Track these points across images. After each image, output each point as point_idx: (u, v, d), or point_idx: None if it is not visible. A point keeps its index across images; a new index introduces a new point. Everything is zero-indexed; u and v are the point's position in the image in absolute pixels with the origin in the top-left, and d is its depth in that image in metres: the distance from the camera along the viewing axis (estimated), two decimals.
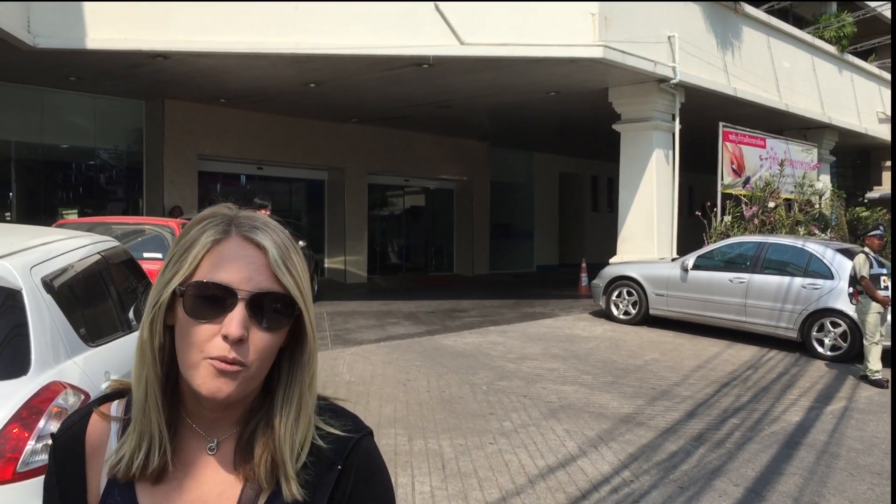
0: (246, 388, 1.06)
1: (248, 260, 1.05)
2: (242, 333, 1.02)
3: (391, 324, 12.23)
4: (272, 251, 1.06)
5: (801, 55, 17.90)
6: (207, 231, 1.07)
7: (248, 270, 1.04)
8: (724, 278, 11.53)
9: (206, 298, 1.03)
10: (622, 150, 14.35)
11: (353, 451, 1.14)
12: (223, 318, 1.02)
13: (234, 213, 1.11)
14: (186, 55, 11.65)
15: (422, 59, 11.77)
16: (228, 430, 1.12)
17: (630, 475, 5.52)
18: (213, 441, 1.12)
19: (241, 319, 1.02)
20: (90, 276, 3.80)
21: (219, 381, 1.02)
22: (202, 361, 1.03)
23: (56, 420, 2.74)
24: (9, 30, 9.98)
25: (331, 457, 1.13)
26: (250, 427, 1.11)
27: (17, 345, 2.88)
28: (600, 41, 11.70)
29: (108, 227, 8.93)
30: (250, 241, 1.06)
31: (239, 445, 1.12)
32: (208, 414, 1.11)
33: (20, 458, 2.61)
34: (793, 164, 16.28)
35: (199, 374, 1.03)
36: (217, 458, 1.12)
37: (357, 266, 19.72)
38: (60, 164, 15.92)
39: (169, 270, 1.07)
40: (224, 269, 1.04)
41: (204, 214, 1.11)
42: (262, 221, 1.10)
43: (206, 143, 16.30)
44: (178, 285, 1.05)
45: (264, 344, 1.05)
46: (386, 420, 6.76)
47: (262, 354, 1.05)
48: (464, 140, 21.56)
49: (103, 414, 1.15)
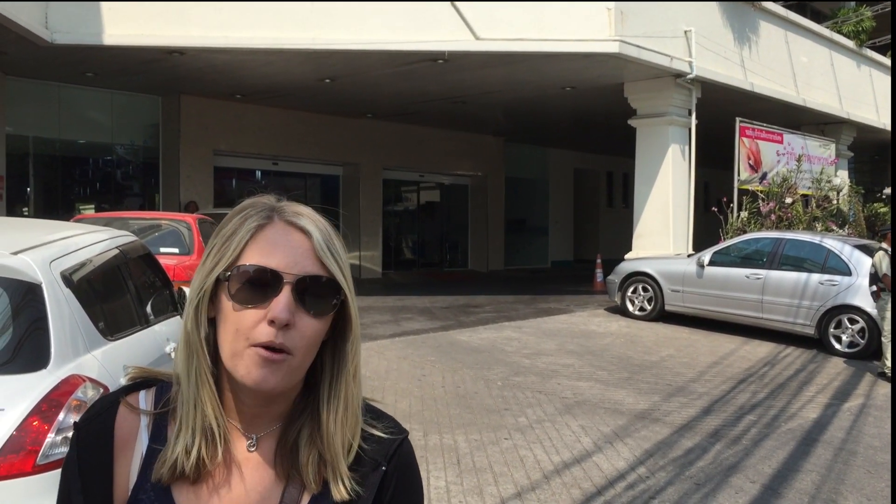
0: (291, 378, 1.04)
1: (293, 244, 1.04)
2: (290, 317, 1.00)
3: (406, 319, 12.24)
4: (316, 235, 1.05)
5: (819, 50, 17.76)
6: (250, 218, 1.05)
7: (293, 255, 1.03)
8: (740, 274, 11.46)
9: (251, 283, 1.01)
10: (638, 146, 14.28)
11: (397, 452, 1.14)
12: (269, 302, 1.00)
13: (276, 202, 1.09)
14: (202, 51, 11.70)
15: (437, 55, 11.76)
16: (268, 426, 1.10)
17: (646, 471, 5.51)
18: (253, 438, 1.09)
19: (288, 303, 1.00)
20: (109, 270, 3.83)
21: (264, 371, 1.00)
22: (247, 349, 1.00)
23: (76, 413, 2.76)
24: (27, 26, 10.06)
25: (375, 458, 1.12)
26: (296, 425, 1.09)
27: (37, 338, 2.90)
28: (616, 36, 11.65)
29: (124, 223, 8.98)
30: (294, 226, 1.05)
31: (282, 444, 1.09)
32: (249, 409, 1.08)
33: (40, 451, 2.63)
34: (810, 159, 16.15)
35: (244, 363, 1.01)
36: (258, 456, 1.09)
37: (372, 261, 19.75)
38: (77, 159, 16.02)
39: (210, 259, 1.05)
40: (269, 254, 1.02)
41: (244, 204, 1.09)
42: (304, 208, 1.09)
43: (222, 139, 16.37)
44: (223, 271, 1.03)
45: (310, 330, 1.03)
46: (401, 415, 6.76)
47: (308, 341, 1.03)
48: (478, 135, 21.54)
49: (132, 406, 1.11)
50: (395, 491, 1.13)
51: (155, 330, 3.98)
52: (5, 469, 2.57)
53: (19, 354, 2.86)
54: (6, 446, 2.58)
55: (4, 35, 10.33)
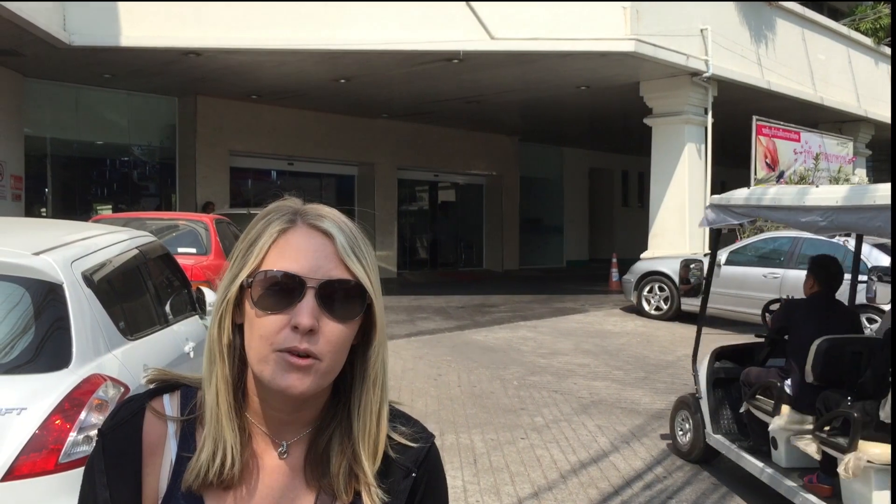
0: (321, 382, 1.02)
1: (316, 248, 1.02)
2: (313, 323, 0.98)
3: (421, 319, 12.26)
4: (339, 238, 1.03)
5: (837, 47, 17.63)
6: (273, 223, 1.04)
7: (316, 259, 1.01)
8: (757, 273, 11.40)
9: (274, 288, 1.00)
10: (653, 145, 14.23)
11: (427, 458, 1.14)
12: (293, 308, 0.99)
13: (300, 205, 1.08)
14: (218, 52, 11.76)
15: (452, 54, 11.77)
16: (298, 432, 1.08)
17: (663, 471, 5.49)
18: (283, 444, 1.08)
19: (311, 309, 0.99)
20: (129, 270, 3.86)
21: (292, 377, 0.99)
22: (272, 354, 0.99)
23: (97, 412, 2.78)
24: (46, 28, 10.15)
25: (405, 464, 1.11)
26: (326, 433, 1.08)
27: (59, 338, 2.93)
28: (632, 35, 11.62)
29: (142, 223, 9.03)
30: (317, 229, 1.03)
31: (312, 452, 1.08)
32: (278, 415, 1.06)
33: (62, 450, 2.65)
34: (828, 157, 16.04)
35: (270, 368, 0.99)
36: (288, 463, 1.08)
37: (387, 261, 19.78)
38: (95, 160, 16.14)
39: (236, 265, 1.04)
40: (291, 259, 1.01)
41: (269, 209, 1.07)
42: (329, 210, 1.07)
43: (238, 139, 16.45)
44: (246, 277, 1.02)
45: (336, 335, 1.01)
46: (417, 415, 6.70)
47: (335, 346, 1.01)
48: (493, 135, 21.53)
49: (158, 412, 1.09)
50: (423, 496, 1.13)
51: (174, 329, 4.01)
52: (28, 467, 2.60)
53: (41, 354, 2.89)
54: (29, 445, 2.61)
55: (23, 37, 10.43)
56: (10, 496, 2.57)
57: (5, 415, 2.63)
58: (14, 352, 2.86)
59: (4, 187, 12.80)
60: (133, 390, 3.09)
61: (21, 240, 3.39)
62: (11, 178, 13.07)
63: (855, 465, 3.84)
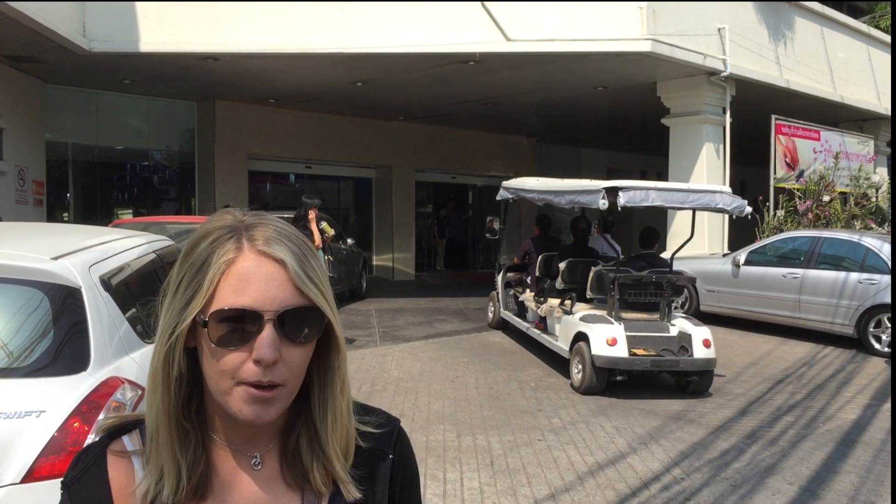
0: (285, 405, 1.02)
1: (269, 277, 0.98)
2: (275, 356, 0.97)
3: (439, 320, 12.27)
4: (291, 264, 0.99)
5: (857, 45, 17.47)
6: (218, 250, 1.00)
7: (270, 289, 0.98)
8: (777, 274, 11.32)
9: (231, 325, 0.97)
10: (671, 145, 14.17)
11: (398, 439, 1.17)
12: (252, 342, 0.97)
13: (241, 222, 1.03)
14: (236, 56, 11.83)
15: (468, 56, 11.78)
16: (268, 442, 1.08)
17: (681, 473, 5.47)
18: (256, 456, 1.07)
19: (272, 341, 0.97)
20: (146, 274, 3.90)
21: (256, 407, 0.98)
22: (235, 388, 0.98)
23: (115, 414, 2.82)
24: (66, 35, 10.26)
25: (380, 448, 1.14)
26: (293, 437, 1.08)
27: (77, 341, 2.97)
28: (648, 34, 11.57)
29: (162, 227, 9.12)
30: (266, 255, 0.99)
31: (285, 457, 1.08)
32: (244, 431, 1.06)
33: None
34: (848, 156, 15.89)
35: (234, 401, 0.98)
36: (264, 473, 1.08)
37: (405, 263, 19.81)
38: (115, 165, 16.29)
39: (182, 295, 1.00)
40: (245, 292, 0.97)
41: (208, 228, 1.03)
42: (274, 229, 1.03)
43: (256, 143, 16.54)
44: (198, 314, 0.98)
45: (297, 359, 1.00)
46: (435, 416, 6.79)
47: (296, 371, 1.01)
48: (511, 136, 21.50)
49: (120, 452, 1.07)
50: (403, 475, 1.16)
51: None
52: (47, 469, 2.63)
53: (60, 357, 2.92)
54: (48, 447, 2.64)
55: (44, 44, 10.55)
56: (30, 498, 2.60)
57: (24, 417, 2.67)
58: (33, 355, 2.90)
59: (26, 193, 12.95)
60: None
61: (39, 244, 3.44)
62: (33, 184, 13.22)
63: (546, 309, 9.20)
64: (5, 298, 3.02)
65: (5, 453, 2.60)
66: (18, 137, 12.65)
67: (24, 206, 12.77)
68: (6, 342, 2.89)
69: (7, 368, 2.82)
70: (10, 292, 3.00)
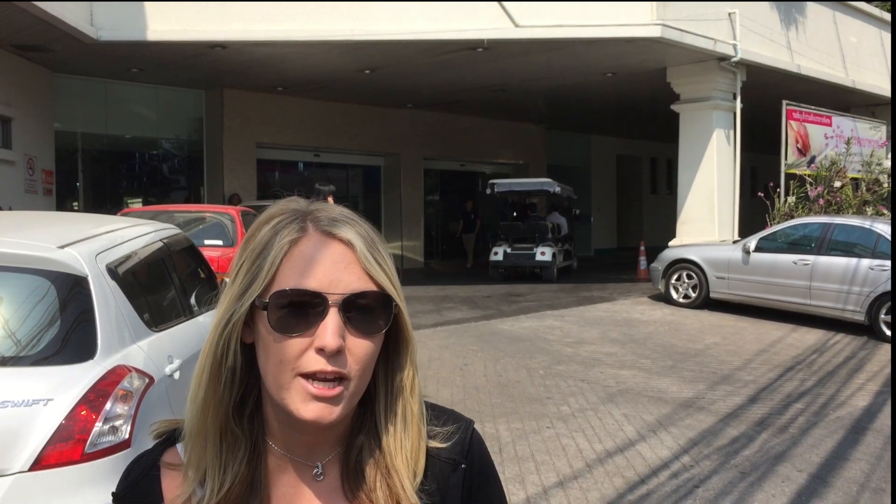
0: (350, 405, 0.94)
1: (334, 259, 0.92)
2: (340, 343, 0.89)
3: (448, 308, 12.27)
4: (359, 245, 0.93)
5: (869, 30, 17.31)
6: (281, 231, 0.93)
7: (335, 271, 0.91)
8: (787, 260, 11.26)
9: (292, 309, 0.90)
10: (681, 131, 14.10)
11: (472, 446, 1.06)
12: (315, 328, 0.90)
13: (307, 207, 0.98)
14: (244, 44, 11.82)
15: (476, 43, 11.73)
16: (331, 450, 1.00)
17: (690, 460, 5.46)
18: (318, 466, 0.99)
19: (337, 327, 0.90)
20: (153, 262, 3.90)
21: (319, 407, 0.90)
22: (294, 381, 0.90)
23: (122, 402, 2.82)
24: (74, 24, 10.27)
25: (452, 457, 1.04)
26: (355, 448, 0.99)
27: (84, 330, 2.97)
28: (658, 20, 11.50)
29: (170, 216, 9.14)
30: (332, 236, 0.94)
31: (346, 469, 0.99)
32: (305, 438, 0.98)
33: (88, 440, 2.69)
34: (860, 142, 15.76)
35: (293, 399, 0.91)
36: (326, 485, 0.99)
37: (414, 251, 19.81)
38: (124, 154, 16.33)
39: (242, 280, 0.93)
40: (309, 273, 0.91)
41: (272, 212, 0.97)
42: (340, 212, 0.97)
43: (265, 131, 16.55)
44: (258, 297, 0.91)
45: (364, 352, 0.92)
46: (443, 404, 6.73)
47: (364, 364, 0.93)
48: (520, 123, 21.44)
49: (173, 464, 1.00)
50: (478, 486, 1.06)
51: (199, 321, 4.05)
52: (55, 457, 2.64)
53: (67, 346, 2.93)
54: (56, 435, 2.65)
55: (52, 33, 10.56)
56: (38, 485, 2.62)
57: (32, 406, 2.68)
58: (40, 344, 2.90)
59: (36, 182, 12.99)
60: (157, 381, 3.13)
61: (46, 233, 3.44)
62: (42, 173, 13.25)
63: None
64: (12, 287, 3.02)
65: (13, 441, 2.61)
66: (27, 127, 12.68)
67: (34, 196, 12.81)
68: (14, 331, 2.90)
69: (14, 357, 2.83)
70: (18, 281, 3.01)
